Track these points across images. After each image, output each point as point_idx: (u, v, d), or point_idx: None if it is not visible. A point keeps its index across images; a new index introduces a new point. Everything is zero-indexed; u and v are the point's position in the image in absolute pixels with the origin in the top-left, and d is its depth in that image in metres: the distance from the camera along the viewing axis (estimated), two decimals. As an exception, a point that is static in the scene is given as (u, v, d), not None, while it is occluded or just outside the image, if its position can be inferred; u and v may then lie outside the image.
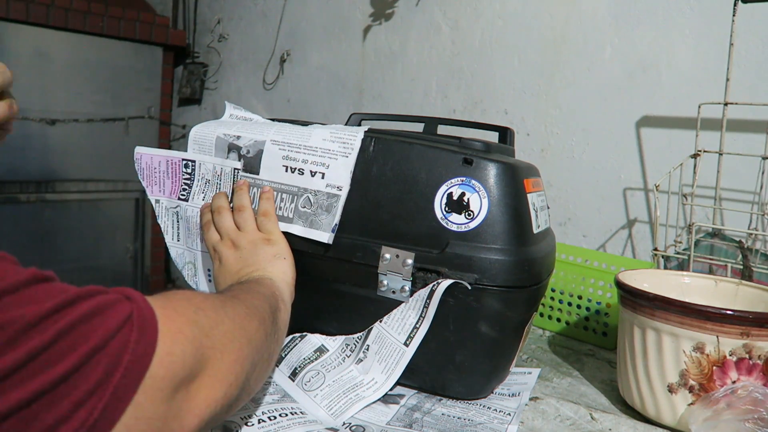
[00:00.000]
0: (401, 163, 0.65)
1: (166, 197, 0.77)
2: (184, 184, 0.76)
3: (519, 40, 1.34)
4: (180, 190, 0.76)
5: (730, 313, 0.58)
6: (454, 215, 0.62)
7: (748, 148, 0.97)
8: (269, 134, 0.72)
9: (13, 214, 2.14)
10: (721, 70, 0.95)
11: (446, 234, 0.62)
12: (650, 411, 0.64)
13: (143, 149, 0.76)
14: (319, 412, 0.60)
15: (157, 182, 0.76)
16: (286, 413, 0.58)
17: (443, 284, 0.61)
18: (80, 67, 2.25)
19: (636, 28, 1.15)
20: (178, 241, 0.79)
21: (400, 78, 1.61)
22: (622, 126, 1.17)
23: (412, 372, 0.67)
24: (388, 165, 0.66)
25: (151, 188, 0.77)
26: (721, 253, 0.94)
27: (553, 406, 0.66)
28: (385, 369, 0.64)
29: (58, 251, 2.24)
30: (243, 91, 2.19)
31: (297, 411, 0.59)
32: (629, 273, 0.73)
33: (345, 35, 1.77)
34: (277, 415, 0.58)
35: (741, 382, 0.58)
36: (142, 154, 0.76)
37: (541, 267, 0.66)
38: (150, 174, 0.76)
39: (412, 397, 0.66)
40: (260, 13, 2.10)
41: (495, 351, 0.66)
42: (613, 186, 1.19)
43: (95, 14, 2.23)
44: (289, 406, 0.60)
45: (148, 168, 0.76)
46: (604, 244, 1.20)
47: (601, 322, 0.91)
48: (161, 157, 0.76)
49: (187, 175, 0.75)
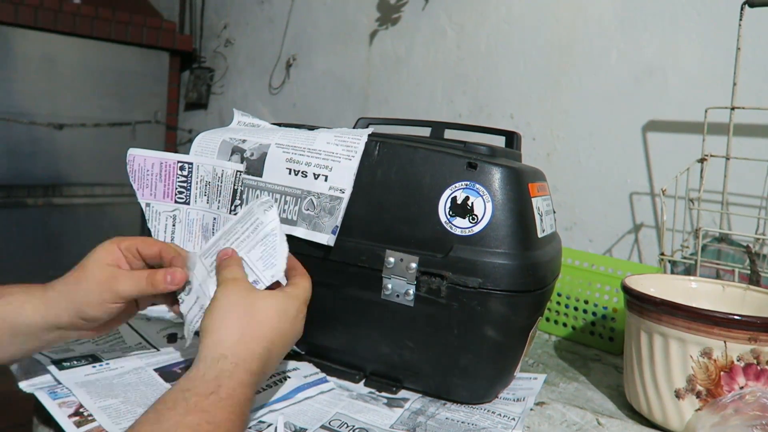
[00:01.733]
0: (406, 167, 0.65)
1: (158, 201, 0.75)
2: (180, 186, 0.75)
3: (525, 45, 1.34)
4: (176, 193, 0.75)
5: (737, 318, 0.57)
6: (458, 219, 0.62)
7: (755, 153, 0.97)
8: (275, 138, 0.72)
9: (20, 218, 2.15)
10: (727, 74, 0.95)
11: (450, 238, 0.62)
12: (657, 416, 0.63)
13: (137, 150, 0.75)
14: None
15: (149, 185, 0.75)
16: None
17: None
18: (88, 72, 2.27)
19: (642, 33, 1.15)
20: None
21: (405, 82, 1.61)
22: (629, 130, 1.17)
23: (416, 376, 0.67)
24: (392, 169, 0.66)
25: (142, 191, 0.75)
26: (728, 257, 0.94)
27: (560, 411, 0.66)
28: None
29: (64, 255, 2.24)
30: (249, 96, 2.20)
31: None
32: (636, 278, 0.72)
33: (351, 40, 1.77)
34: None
35: (749, 387, 0.57)
36: (135, 155, 0.75)
37: (546, 271, 0.65)
38: (142, 176, 0.75)
39: (416, 401, 0.66)
40: (266, 18, 2.11)
41: (499, 355, 0.65)
42: (620, 190, 1.18)
43: (103, 19, 2.25)
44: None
45: (140, 170, 0.75)
46: (610, 249, 1.20)
47: (607, 327, 0.90)
48: (155, 159, 0.75)
49: (183, 177, 0.75)
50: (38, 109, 2.13)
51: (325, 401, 0.65)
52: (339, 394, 0.67)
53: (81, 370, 0.64)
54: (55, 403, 0.58)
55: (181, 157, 0.75)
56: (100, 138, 2.30)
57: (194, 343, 0.59)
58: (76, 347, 0.70)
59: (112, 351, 0.71)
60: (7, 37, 2.06)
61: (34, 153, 2.15)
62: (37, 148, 2.15)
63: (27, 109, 2.09)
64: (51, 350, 0.67)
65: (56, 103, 2.18)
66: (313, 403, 0.64)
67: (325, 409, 0.63)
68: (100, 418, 0.55)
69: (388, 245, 0.65)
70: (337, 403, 0.64)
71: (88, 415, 0.56)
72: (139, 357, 0.70)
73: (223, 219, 0.74)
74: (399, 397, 0.66)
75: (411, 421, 0.61)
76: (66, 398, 0.59)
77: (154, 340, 0.76)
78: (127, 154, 0.75)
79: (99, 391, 0.60)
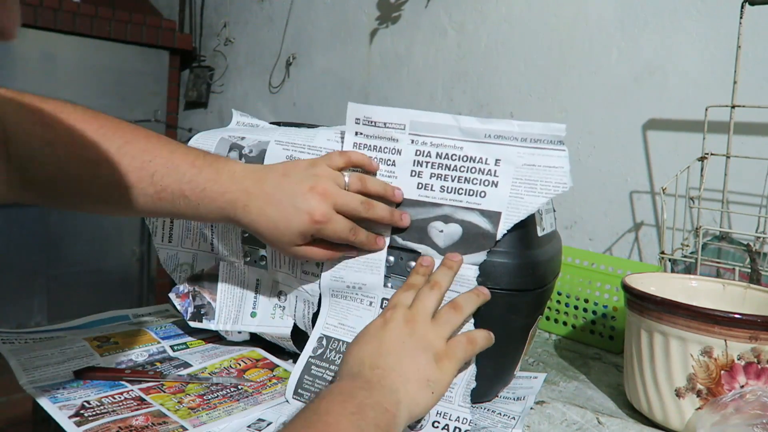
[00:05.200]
0: (406, 166, 0.65)
1: None
2: None
3: (525, 44, 1.34)
4: None
5: (738, 317, 0.57)
6: (459, 218, 0.62)
7: (755, 151, 0.97)
8: (274, 136, 0.72)
9: (20, 217, 2.15)
10: (728, 72, 0.94)
11: (451, 236, 0.62)
12: (657, 415, 0.63)
13: None
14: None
15: None
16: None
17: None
18: (87, 71, 2.27)
19: (642, 31, 1.15)
20: (170, 243, 0.77)
21: (405, 81, 1.61)
22: (629, 129, 1.17)
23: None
24: (392, 167, 0.65)
25: None
26: (728, 256, 0.94)
27: (560, 410, 0.66)
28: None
29: (64, 254, 2.25)
30: (249, 95, 2.20)
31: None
32: (636, 276, 0.72)
33: (351, 38, 1.77)
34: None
35: (749, 386, 0.57)
36: None
37: (546, 270, 0.65)
38: None
39: (417, 401, 0.66)
40: (266, 17, 2.10)
41: (500, 354, 0.65)
42: (620, 189, 1.18)
43: (102, 18, 2.25)
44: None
45: None
46: (610, 248, 1.20)
47: (607, 326, 0.90)
48: None
49: None
50: (38, 108, 2.12)
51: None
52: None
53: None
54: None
55: None
56: (100, 137, 2.30)
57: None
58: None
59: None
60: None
61: (34, 152, 2.15)
62: (36, 147, 2.15)
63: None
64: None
65: (56, 102, 2.18)
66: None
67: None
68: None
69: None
70: (338, 402, 0.64)
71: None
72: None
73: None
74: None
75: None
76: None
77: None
78: None
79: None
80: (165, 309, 0.91)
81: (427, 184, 0.62)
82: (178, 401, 0.61)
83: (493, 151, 0.60)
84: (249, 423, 0.58)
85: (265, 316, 0.73)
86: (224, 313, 0.74)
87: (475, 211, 0.60)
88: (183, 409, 0.60)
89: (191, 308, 0.74)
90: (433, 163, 0.62)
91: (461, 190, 0.61)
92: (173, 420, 0.57)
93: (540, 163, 0.59)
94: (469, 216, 0.60)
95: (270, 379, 0.69)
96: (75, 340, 0.73)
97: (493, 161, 0.60)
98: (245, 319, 0.73)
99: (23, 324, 2.12)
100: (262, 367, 0.72)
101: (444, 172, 0.62)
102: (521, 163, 0.59)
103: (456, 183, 0.61)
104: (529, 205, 0.59)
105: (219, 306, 0.74)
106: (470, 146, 0.61)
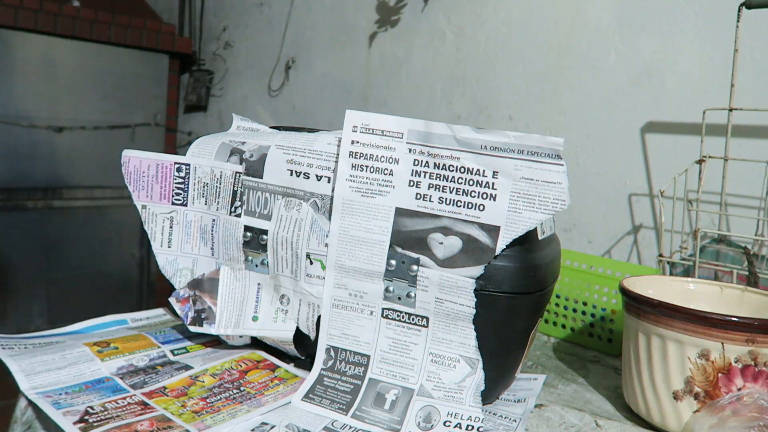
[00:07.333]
0: (405, 170, 0.65)
1: (154, 202, 0.75)
2: (177, 188, 0.75)
3: (523, 47, 1.34)
4: (173, 194, 0.75)
5: (735, 320, 0.57)
6: (458, 222, 0.62)
7: (753, 154, 0.97)
8: (275, 140, 0.72)
9: (20, 220, 2.15)
10: (725, 75, 0.95)
11: (450, 241, 0.62)
12: (655, 418, 0.64)
13: (132, 152, 0.75)
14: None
15: (144, 187, 0.75)
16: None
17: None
18: (87, 75, 2.27)
19: (640, 34, 1.15)
20: (169, 248, 0.77)
21: (404, 84, 1.62)
22: (627, 132, 1.17)
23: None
24: (392, 172, 0.66)
25: (138, 193, 0.75)
26: (726, 259, 0.94)
27: (558, 413, 0.66)
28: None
29: (64, 257, 2.25)
30: (248, 98, 2.20)
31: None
32: (634, 279, 0.73)
33: (350, 42, 1.78)
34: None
35: (746, 389, 0.58)
36: (131, 157, 0.74)
37: (546, 273, 0.66)
38: (137, 178, 0.75)
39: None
40: (265, 21, 2.11)
41: (500, 357, 0.66)
42: (618, 192, 1.19)
43: (102, 22, 2.25)
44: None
45: (135, 172, 0.74)
46: (609, 250, 1.20)
47: (606, 329, 0.90)
48: (151, 160, 0.74)
49: (180, 179, 0.75)
50: (38, 112, 2.13)
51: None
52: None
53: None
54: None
55: (177, 158, 0.75)
56: (99, 141, 2.31)
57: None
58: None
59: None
60: (7, 40, 2.06)
61: (34, 156, 2.15)
62: (36, 151, 2.15)
63: (26, 112, 2.09)
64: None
65: (56, 106, 2.18)
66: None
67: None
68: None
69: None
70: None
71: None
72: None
73: (223, 220, 0.74)
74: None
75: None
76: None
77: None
78: (122, 155, 0.74)
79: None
80: (162, 313, 0.91)
81: (425, 194, 0.62)
82: (182, 405, 0.62)
83: (490, 163, 0.60)
84: (253, 426, 0.59)
85: (267, 320, 0.73)
86: (225, 318, 0.74)
87: (474, 224, 0.61)
88: (187, 413, 0.60)
89: (192, 312, 0.75)
90: (432, 174, 0.62)
91: (460, 203, 0.61)
92: (178, 424, 0.57)
93: (538, 177, 0.59)
94: (469, 229, 0.61)
95: (272, 380, 0.69)
96: (75, 345, 0.73)
97: (491, 173, 0.60)
98: (247, 323, 0.74)
99: (24, 328, 2.12)
100: (263, 369, 0.73)
101: (442, 183, 0.62)
102: (519, 176, 0.59)
103: (455, 195, 0.61)
104: (528, 220, 0.59)
105: (220, 310, 0.74)
106: (467, 157, 0.61)
